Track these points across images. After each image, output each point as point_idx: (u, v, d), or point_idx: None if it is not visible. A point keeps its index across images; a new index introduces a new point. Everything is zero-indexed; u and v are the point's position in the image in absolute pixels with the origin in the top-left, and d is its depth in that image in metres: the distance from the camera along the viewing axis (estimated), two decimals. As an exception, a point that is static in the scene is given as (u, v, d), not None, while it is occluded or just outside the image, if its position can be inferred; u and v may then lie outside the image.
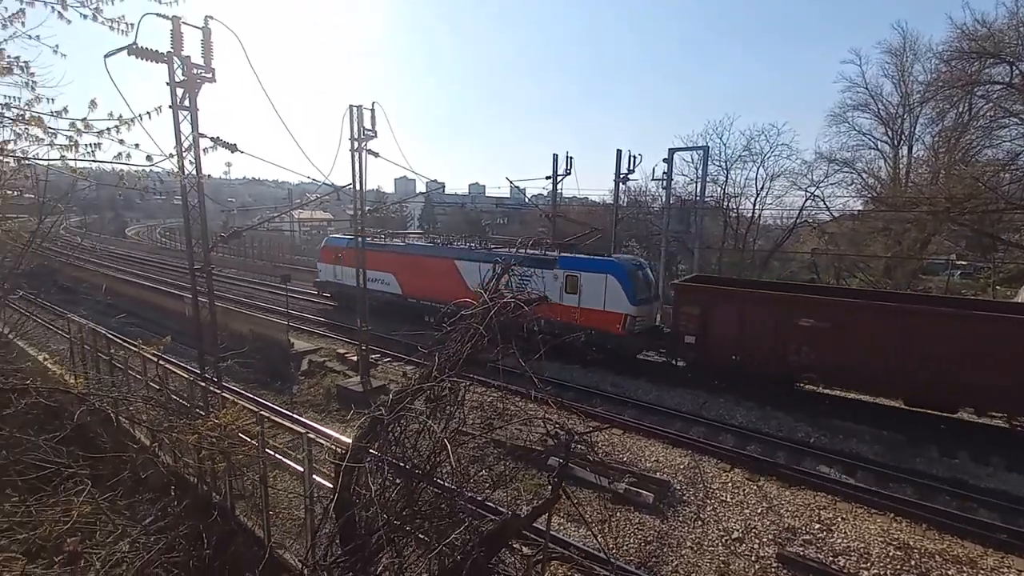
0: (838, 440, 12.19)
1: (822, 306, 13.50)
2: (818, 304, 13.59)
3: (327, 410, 14.18)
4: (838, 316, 13.14)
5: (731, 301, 14.73)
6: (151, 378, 9.98)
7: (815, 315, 13.29)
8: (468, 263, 19.69)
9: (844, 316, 13.07)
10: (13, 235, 9.71)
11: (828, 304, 13.64)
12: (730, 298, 14.90)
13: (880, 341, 12.42)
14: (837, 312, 13.26)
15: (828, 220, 31.01)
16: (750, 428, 12.74)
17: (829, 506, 9.41)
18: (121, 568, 6.22)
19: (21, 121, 4.91)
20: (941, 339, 11.78)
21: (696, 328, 14.95)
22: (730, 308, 14.50)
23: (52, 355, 12.14)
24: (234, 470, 8.04)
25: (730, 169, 31.04)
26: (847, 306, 13.47)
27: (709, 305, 14.91)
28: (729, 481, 10.26)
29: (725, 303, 14.77)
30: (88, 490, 6.46)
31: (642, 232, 36.48)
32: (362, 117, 13.64)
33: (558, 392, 5.94)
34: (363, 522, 4.24)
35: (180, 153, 9.76)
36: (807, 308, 13.50)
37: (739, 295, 14.95)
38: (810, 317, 13.30)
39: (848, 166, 30.76)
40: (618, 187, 24.18)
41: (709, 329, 14.77)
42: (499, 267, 5.85)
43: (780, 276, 31.42)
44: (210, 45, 9.69)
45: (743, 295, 14.87)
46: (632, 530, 8.88)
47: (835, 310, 13.32)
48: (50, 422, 7.21)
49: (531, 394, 4.68)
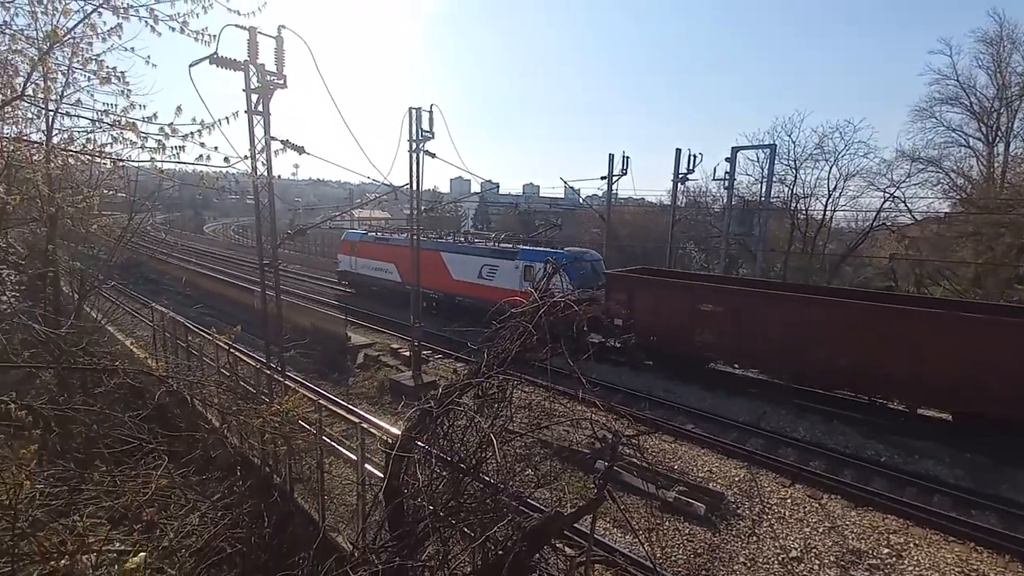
0: (913, 460, 11.28)
1: (719, 293, 15.25)
2: (716, 291, 15.40)
3: (380, 402, 14.66)
4: (731, 302, 14.71)
5: (649, 288, 16.56)
6: (222, 365, 10.68)
7: (714, 301, 14.96)
8: (449, 254, 23.12)
9: (737, 302, 14.59)
10: (107, 230, 10.72)
11: (724, 291, 15.40)
12: (648, 285, 16.73)
13: (766, 326, 13.94)
14: (730, 299, 14.87)
15: (909, 223, 28.70)
16: (813, 442, 12.02)
17: (900, 530, 8.73)
18: (191, 540, 6.70)
19: (117, 126, 5.39)
20: (815, 325, 13.26)
21: (623, 312, 16.28)
22: (649, 294, 16.28)
23: (137, 340, 13.29)
24: (294, 454, 8.47)
25: (799, 168, 29.29)
26: (739, 293, 15.15)
27: (633, 291, 16.62)
28: (788, 497, 9.74)
29: (645, 290, 16.54)
30: (165, 465, 7.01)
31: (700, 234, 35.24)
32: (420, 119, 14.01)
33: (606, 395, 5.87)
34: (411, 510, 4.37)
35: (253, 155, 10.40)
36: (707, 295, 15.26)
37: (655, 283, 16.77)
38: (710, 303, 14.96)
39: (934, 165, 28.32)
40: (676, 187, 23.53)
41: (633, 313, 16.15)
42: (550, 267, 5.84)
43: (852, 283, 29.41)
44: (283, 53, 10.27)
45: (658, 283, 16.74)
46: (681, 541, 8.61)
47: (729, 297, 14.96)
48: (134, 401, 7.89)
49: (579, 395, 4.64)
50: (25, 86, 5.46)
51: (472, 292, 21.74)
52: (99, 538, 5.90)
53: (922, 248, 28.71)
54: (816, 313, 13.40)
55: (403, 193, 15.09)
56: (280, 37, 10.12)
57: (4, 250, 10.20)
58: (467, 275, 22.15)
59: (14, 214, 9.02)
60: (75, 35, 5.32)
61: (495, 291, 19.86)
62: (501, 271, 20.56)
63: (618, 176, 23.83)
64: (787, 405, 13.79)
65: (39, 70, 5.51)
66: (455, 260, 22.74)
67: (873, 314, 12.73)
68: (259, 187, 10.87)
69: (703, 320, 15.05)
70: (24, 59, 5.54)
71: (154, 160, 5.26)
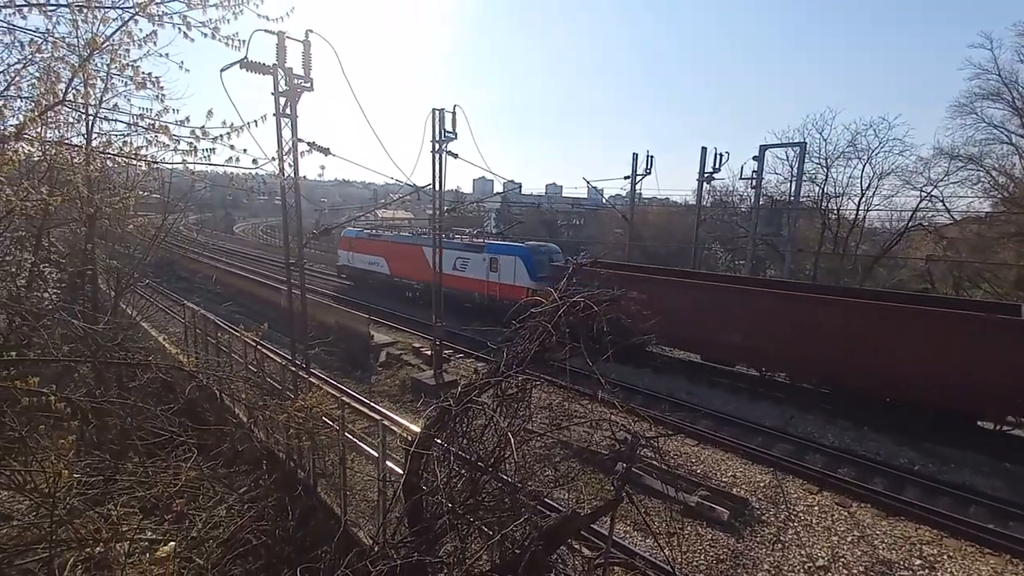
0: (949, 469, 10.86)
1: (636, 281, 16.52)
2: (632, 279, 16.66)
3: (401, 400, 14.83)
4: (647, 289, 15.60)
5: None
6: (250, 361, 10.96)
7: (633, 287, 15.43)
8: (429, 248, 23.75)
9: (651, 289, 16.00)
10: (142, 230, 11.12)
11: (640, 279, 17.18)
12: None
13: (677, 312, 15.52)
14: (645, 286, 16.19)
15: (948, 223, 27.60)
16: (842, 449, 11.69)
17: (934, 541, 8.41)
18: (218, 531, 6.89)
19: (152, 129, 5.58)
20: (713, 308, 15.57)
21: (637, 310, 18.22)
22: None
23: (170, 337, 13.74)
24: (317, 450, 8.64)
25: (831, 166, 28.43)
26: (651, 281, 17.46)
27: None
28: (815, 504, 9.48)
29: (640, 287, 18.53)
30: (195, 458, 7.22)
31: (727, 235, 34.58)
32: (443, 120, 14.11)
33: (627, 396, 5.82)
34: (429, 507, 4.41)
35: (281, 157, 10.64)
36: (626, 282, 15.80)
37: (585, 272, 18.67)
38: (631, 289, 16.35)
39: (974, 162, 27.10)
40: (701, 186, 23.17)
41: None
42: (572, 268, 5.81)
43: (887, 284, 28.45)
44: (310, 57, 10.46)
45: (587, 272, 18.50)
46: (704, 546, 8.47)
47: (645, 284, 16.68)
48: (166, 395, 8.16)
49: (598, 395, 4.61)
50: (67, 91, 5.69)
51: (448, 283, 23.03)
52: (132, 527, 6.11)
53: (961, 249, 27.56)
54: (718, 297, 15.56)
55: (426, 193, 15.23)
56: (307, 41, 10.32)
57: (47, 249, 10.66)
58: (444, 267, 23.17)
59: (56, 214, 9.42)
60: (113, 42, 5.52)
61: (467, 281, 23.41)
62: (472, 263, 23.27)
63: (642, 175, 23.59)
64: (815, 410, 13.45)
65: (79, 76, 5.73)
66: (431, 253, 24.11)
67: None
68: (286, 188, 11.11)
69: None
70: (65, 66, 5.78)
71: (185, 162, 5.42)
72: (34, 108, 5.28)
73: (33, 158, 6.95)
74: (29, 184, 6.31)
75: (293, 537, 7.76)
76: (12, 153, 4.51)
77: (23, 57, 5.29)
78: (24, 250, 9.14)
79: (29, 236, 9.06)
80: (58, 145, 6.84)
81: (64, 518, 5.46)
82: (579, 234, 59.80)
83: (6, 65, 5.44)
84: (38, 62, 5.49)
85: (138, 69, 5.56)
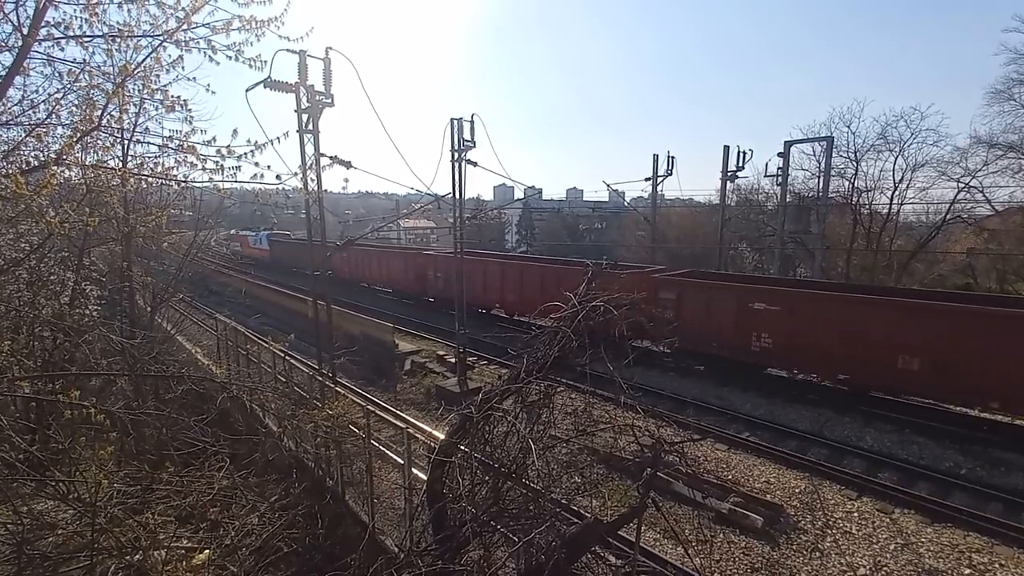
0: (999, 473, 10.32)
1: (548, 267, 19.97)
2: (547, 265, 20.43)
3: (427, 408, 14.91)
4: (558, 275, 18.84)
5: (511, 267, 22.56)
6: (278, 371, 11.20)
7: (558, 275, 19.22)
8: (253, 236, 42.91)
9: (568, 276, 16.92)
10: (176, 247, 11.54)
11: (553, 267, 20.05)
12: (503, 262, 23.44)
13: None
14: (558, 272, 19.14)
15: (989, 215, 26.39)
16: (883, 453, 11.22)
17: (984, 549, 7.98)
18: (251, 539, 7.04)
19: (181, 150, 5.80)
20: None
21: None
22: (509, 271, 22.09)
23: (203, 349, 14.17)
24: (344, 458, 8.75)
25: (860, 160, 27.52)
26: (571, 269, 18.05)
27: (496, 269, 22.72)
28: (855, 511, 9.13)
29: (504, 268, 22.57)
30: (227, 467, 7.41)
31: (753, 233, 33.82)
32: (462, 129, 14.24)
33: (654, 401, 5.72)
34: (453, 514, 4.41)
35: (305, 171, 10.91)
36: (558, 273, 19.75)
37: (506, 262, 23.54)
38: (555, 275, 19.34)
39: (1015, 150, 25.89)
40: (725, 185, 22.75)
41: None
42: (591, 272, 5.77)
43: (924, 281, 27.35)
44: (330, 74, 10.71)
45: (513, 264, 23.16)
46: (737, 554, 8.23)
47: (560, 271, 19.10)
48: (199, 406, 8.39)
49: (621, 400, 4.55)
50: (102, 117, 5.96)
51: (252, 253, 43.59)
52: (169, 535, 6.29)
53: (1004, 242, 26.30)
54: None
55: (446, 203, 15.37)
56: (327, 59, 10.56)
57: (87, 268, 11.15)
58: (253, 244, 46.79)
59: (95, 234, 9.85)
60: (144, 68, 5.77)
61: (257, 250, 45.21)
62: (258, 239, 46.32)
63: (663, 177, 23.33)
64: (853, 412, 12.96)
65: (114, 102, 6.00)
66: (252, 238, 47.78)
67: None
68: (310, 202, 11.36)
69: None
70: (101, 93, 6.07)
71: (213, 180, 5.62)
72: (72, 134, 5.55)
73: (72, 181, 7.30)
74: (69, 206, 6.61)
75: (322, 545, 7.87)
76: (51, 177, 4.74)
77: (62, 86, 5.57)
78: (67, 270, 9.56)
79: (71, 256, 9.49)
80: (95, 168, 7.16)
81: (105, 526, 5.65)
82: (601, 238, 59.43)
83: (47, 95, 5.73)
84: (76, 90, 5.77)
85: (167, 93, 5.79)
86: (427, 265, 26.02)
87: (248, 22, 5.13)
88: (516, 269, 22.02)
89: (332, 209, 31.29)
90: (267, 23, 5.24)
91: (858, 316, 12.74)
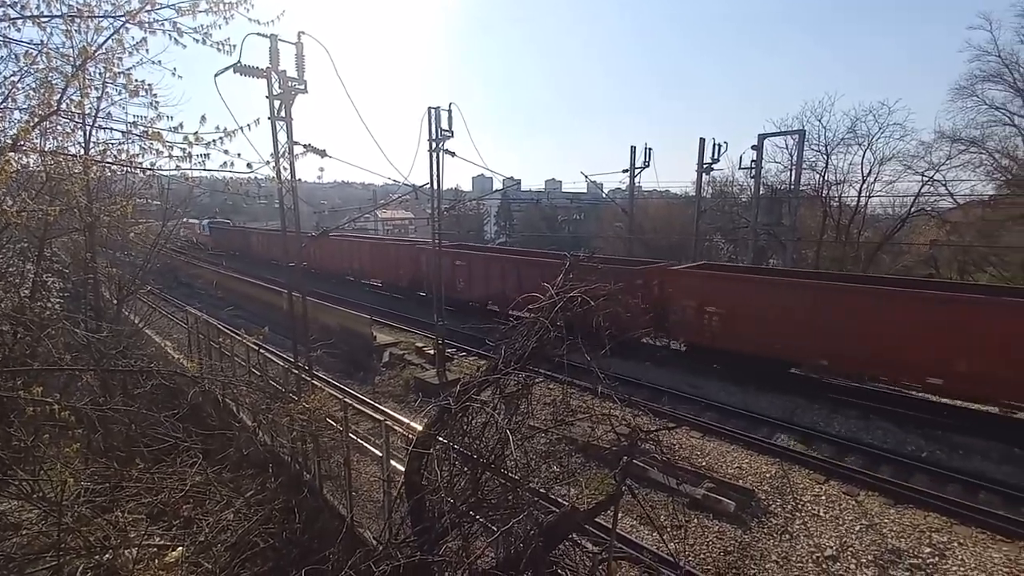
0: (958, 456, 10.79)
1: (463, 255, 21.84)
2: (461, 254, 22.12)
3: (406, 400, 14.84)
4: (469, 260, 21.56)
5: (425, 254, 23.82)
6: (253, 365, 10.99)
7: (462, 259, 22.21)
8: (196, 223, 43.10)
9: (470, 261, 21.27)
10: (143, 237, 11.17)
11: (465, 254, 22.27)
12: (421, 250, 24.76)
13: (486, 277, 20.71)
14: (468, 258, 21.85)
15: (951, 208, 27.36)
16: (850, 438, 11.62)
17: (943, 528, 8.36)
18: (226, 535, 6.93)
19: (146, 137, 5.58)
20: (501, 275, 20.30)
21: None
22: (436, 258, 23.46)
23: (174, 343, 13.80)
24: (322, 452, 8.66)
25: (831, 154, 28.17)
26: (471, 256, 22.26)
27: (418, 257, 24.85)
28: (823, 494, 9.44)
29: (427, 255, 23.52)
30: (200, 463, 7.27)
31: (728, 225, 34.42)
32: (439, 118, 14.07)
33: (629, 390, 5.80)
34: (433, 506, 4.41)
35: (278, 160, 10.64)
36: (459, 256, 22.48)
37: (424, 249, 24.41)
38: (460, 260, 22.16)
39: (976, 145, 26.76)
40: (700, 178, 23.05)
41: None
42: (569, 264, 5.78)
43: (890, 271, 28.25)
44: (303, 59, 10.44)
45: (428, 249, 23.11)
46: (711, 538, 8.45)
47: (468, 257, 21.86)
48: (170, 401, 8.19)
49: (598, 391, 4.60)
50: (61, 101, 5.69)
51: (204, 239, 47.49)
52: (140, 533, 6.15)
53: (965, 234, 27.31)
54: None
55: (424, 193, 15.21)
56: (300, 43, 10.29)
57: (49, 259, 10.72)
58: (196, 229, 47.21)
59: (56, 224, 9.46)
60: (105, 51, 5.52)
61: (204, 236, 47.80)
62: (203, 226, 49.13)
63: (640, 168, 23.51)
64: (821, 400, 13.38)
65: (73, 85, 5.74)
66: (198, 226, 49.29)
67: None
68: (283, 191, 11.10)
69: (459, 271, 22.27)
70: (60, 76, 5.79)
71: (180, 168, 5.43)
72: (30, 119, 5.28)
73: (31, 168, 6.98)
74: (28, 195, 6.32)
75: (300, 539, 7.80)
76: (7, 164, 4.51)
77: (19, 69, 5.30)
78: (27, 261, 9.18)
79: (31, 247, 9.10)
80: (55, 155, 6.85)
81: (72, 526, 5.49)
82: (579, 229, 59.69)
83: (2, 78, 5.45)
84: (33, 73, 5.50)
85: (131, 77, 5.56)
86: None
87: (216, 3, 4.95)
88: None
89: (307, 199, 30.88)
90: (236, 5, 5.06)
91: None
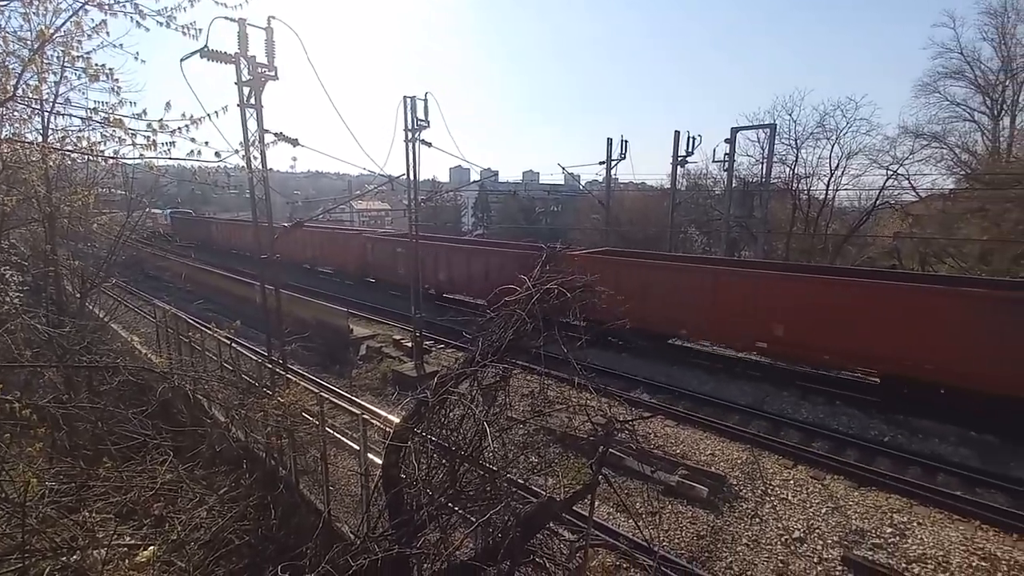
0: (917, 440, 11.29)
1: (402, 243, 22.14)
2: (401, 241, 22.62)
3: (383, 393, 14.76)
4: (405, 248, 21.12)
5: (385, 242, 26.14)
6: (225, 359, 10.74)
7: (401, 246, 22.96)
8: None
9: (407, 247, 19.66)
10: (107, 228, 10.76)
11: (402, 242, 22.46)
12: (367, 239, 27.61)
13: (448, 265, 21.83)
14: (404, 245, 21.83)
15: (913, 201, 28.39)
16: (816, 424, 12.04)
17: (904, 509, 8.76)
18: (199, 532, 6.81)
19: (107, 123, 5.36)
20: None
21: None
22: (384, 245, 25.71)
23: (141, 337, 13.37)
24: (297, 447, 8.56)
25: (801, 148, 28.85)
26: (407, 243, 20.83)
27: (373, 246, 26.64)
28: (791, 478, 9.78)
29: (385, 244, 25.96)
30: (171, 460, 7.10)
31: (702, 217, 35.01)
32: (415, 108, 13.90)
33: (607, 381, 5.88)
34: (411, 498, 4.41)
35: (247, 149, 10.34)
36: (399, 244, 23.54)
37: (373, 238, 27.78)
38: (400, 248, 23.13)
39: (938, 140, 27.88)
40: (675, 170, 23.36)
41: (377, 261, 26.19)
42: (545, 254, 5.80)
43: (856, 262, 29.17)
44: (273, 45, 10.15)
45: (373, 238, 27.69)
46: (684, 523, 8.69)
47: (404, 245, 21.64)
48: (139, 398, 7.97)
49: (575, 381, 4.65)
50: (17, 86, 5.43)
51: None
52: (108, 533, 5.98)
53: (927, 226, 28.40)
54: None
55: (400, 184, 15.04)
56: (270, 28, 10.00)
57: (6, 251, 10.25)
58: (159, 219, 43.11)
59: (14, 215, 9.05)
60: (63, 33, 5.28)
61: (161, 224, 42.62)
62: (163, 216, 44.95)
63: (617, 160, 23.69)
64: (790, 387, 13.80)
65: (31, 70, 5.48)
66: (161, 215, 46.40)
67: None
68: (254, 181, 10.82)
69: (400, 258, 23.84)
70: (16, 60, 5.52)
71: (144, 156, 5.24)
72: (-18, 104, 5.04)
73: (-16, 156, 6.63)
74: (-20, 184, 6.02)
75: (276, 535, 7.72)
76: (-43, 152, 4.29)
77: (-28, 53, 5.04)
78: (-19, 253, 8.76)
79: (-15, 238, 8.69)
80: (11, 142, 6.54)
81: (37, 527, 5.32)
82: (556, 221, 59.82)
83: (-46, 62, 5.18)
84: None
85: (90, 61, 5.34)
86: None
87: (180, -16, 4.76)
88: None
89: (280, 189, 30.24)
90: (201, -14, 4.89)
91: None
